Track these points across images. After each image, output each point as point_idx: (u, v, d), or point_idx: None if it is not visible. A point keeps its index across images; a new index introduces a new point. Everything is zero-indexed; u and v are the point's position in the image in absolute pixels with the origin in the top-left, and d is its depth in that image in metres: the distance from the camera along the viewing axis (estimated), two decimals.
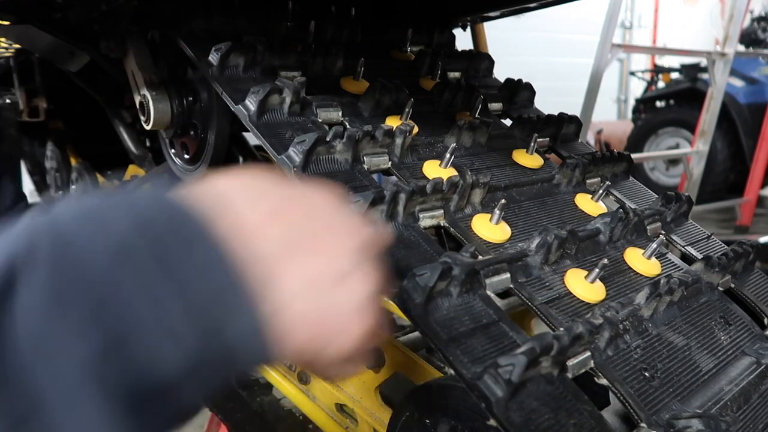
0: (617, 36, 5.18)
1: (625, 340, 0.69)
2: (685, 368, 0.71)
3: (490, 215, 0.79)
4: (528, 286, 0.72)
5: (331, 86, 0.98)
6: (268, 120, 0.82)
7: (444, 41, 1.28)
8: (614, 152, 1.07)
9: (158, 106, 1.03)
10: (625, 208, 0.87)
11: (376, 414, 0.96)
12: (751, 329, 0.83)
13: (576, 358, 0.64)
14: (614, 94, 8.38)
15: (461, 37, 1.39)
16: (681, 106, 5.73)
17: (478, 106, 1.06)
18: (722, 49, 3.79)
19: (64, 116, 1.85)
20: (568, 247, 0.77)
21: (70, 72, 1.29)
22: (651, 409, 0.64)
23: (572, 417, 0.58)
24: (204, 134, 1.06)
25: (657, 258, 0.86)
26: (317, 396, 1.05)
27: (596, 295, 0.74)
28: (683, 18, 7.89)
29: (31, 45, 1.32)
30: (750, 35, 5.61)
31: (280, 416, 1.12)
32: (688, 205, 0.99)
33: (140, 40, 1.04)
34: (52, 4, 0.99)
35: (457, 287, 0.64)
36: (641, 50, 6.92)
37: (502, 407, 0.55)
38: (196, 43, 0.92)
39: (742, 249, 0.90)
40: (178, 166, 1.15)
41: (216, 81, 0.88)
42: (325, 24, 1.07)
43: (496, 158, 0.96)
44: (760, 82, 5.36)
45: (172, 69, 1.06)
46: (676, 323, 0.77)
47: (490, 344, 0.62)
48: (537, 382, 0.59)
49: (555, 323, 0.68)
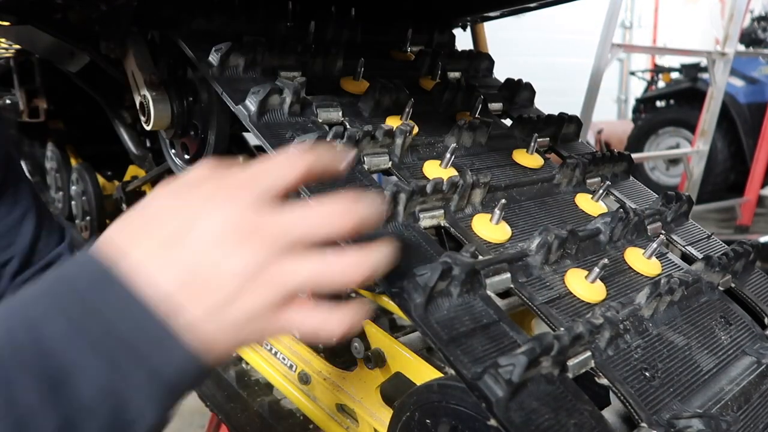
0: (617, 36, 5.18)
1: (626, 340, 0.69)
2: (685, 368, 0.71)
3: (491, 215, 0.79)
4: (528, 286, 0.72)
5: (331, 86, 0.98)
6: (268, 120, 0.82)
7: (444, 41, 1.28)
8: (614, 152, 1.07)
9: (158, 106, 1.03)
10: (625, 208, 0.87)
11: (377, 414, 0.96)
12: (751, 329, 0.83)
13: (576, 358, 0.64)
14: (614, 94, 8.38)
15: (461, 37, 1.39)
16: (681, 105, 5.73)
17: (479, 106, 1.06)
18: (722, 48, 3.79)
19: (64, 116, 1.85)
20: (568, 247, 0.77)
21: (70, 72, 1.29)
22: (651, 408, 0.64)
23: (573, 417, 0.58)
24: (204, 134, 1.06)
25: (657, 258, 0.86)
26: (318, 396, 1.05)
27: (596, 295, 0.74)
28: (683, 18, 7.89)
29: (32, 45, 1.32)
30: (750, 35, 5.61)
31: (281, 416, 1.12)
32: (689, 205, 0.99)
33: (140, 41, 1.04)
34: (52, 4, 0.99)
35: (458, 287, 0.64)
36: (641, 50, 6.92)
37: (503, 407, 0.55)
38: (196, 44, 0.92)
39: (743, 249, 0.90)
40: (178, 167, 1.15)
41: (216, 81, 0.88)
42: (325, 24, 1.07)
43: (497, 158, 0.96)
44: (761, 82, 5.36)
45: (172, 69, 1.06)
46: (676, 323, 0.77)
47: (490, 344, 0.62)
48: (537, 382, 0.59)
49: (555, 323, 0.68)
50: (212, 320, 0.42)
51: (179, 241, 0.43)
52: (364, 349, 0.99)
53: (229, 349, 0.45)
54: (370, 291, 1.14)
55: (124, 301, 0.41)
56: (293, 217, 0.44)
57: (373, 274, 0.45)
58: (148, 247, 0.43)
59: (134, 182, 1.63)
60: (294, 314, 0.44)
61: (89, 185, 1.71)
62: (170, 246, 0.43)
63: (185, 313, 0.42)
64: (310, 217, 0.44)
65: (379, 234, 0.69)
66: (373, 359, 0.97)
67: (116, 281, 0.41)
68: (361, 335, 1.00)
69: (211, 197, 0.44)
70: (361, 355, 0.99)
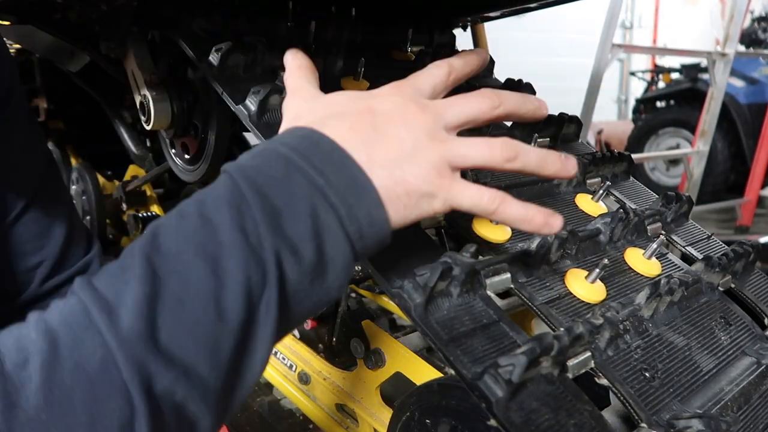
0: (617, 36, 5.18)
1: (626, 341, 0.69)
2: (685, 368, 0.71)
3: None
4: (528, 286, 0.72)
5: (331, 86, 0.98)
6: (268, 120, 0.82)
7: (444, 41, 1.28)
8: (614, 152, 1.07)
9: (158, 106, 1.03)
10: (625, 209, 0.87)
11: (377, 414, 0.96)
12: (751, 329, 0.83)
13: (576, 358, 0.64)
14: (615, 94, 8.38)
15: (461, 37, 1.39)
16: (681, 106, 5.73)
17: None
18: (722, 49, 3.79)
19: (64, 116, 1.85)
20: (568, 247, 0.77)
21: (71, 72, 1.30)
22: (651, 409, 0.64)
23: (572, 417, 0.58)
24: (204, 134, 1.06)
25: (657, 258, 0.86)
26: (318, 396, 1.05)
27: (596, 295, 0.74)
28: (683, 18, 7.89)
29: (32, 45, 1.32)
30: (750, 35, 5.61)
31: (281, 416, 1.12)
32: (689, 206, 0.99)
33: (140, 40, 1.04)
34: (52, 4, 0.99)
35: (458, 287, 0.64)
36: (641, 50, 6.92)
37: (503, 407, 0.55)
38: (196, 43, 0.92)
39: (743, 249, 0.90)
40: (178, 167, 1.15)
41: (216, 81, 0.88)
42: (326, 24, 1.07)
43: None
44: (761, 83, 5.35)
45: (173, 69, 1.06)
46: (676, 323, 0.77)
47: (490, 344, 0.62)
48: (537, 383, 0.59)
49: (555, 323, 0.68)
50: (391, 174, 0.50)
51: (360, 121, 0.52)
52: (364, 349, 0.99)
53: (404, 212, 0.51)
54: (370, 291, 1.14)
55: (329, 150, 0.49)
56: (449, 102, 0.55)
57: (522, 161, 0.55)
58: (337, 126, 0.51)
59: (134, 182, 1.64)
60: (458, 183, 0.53)
61: (89, 185, 1.71)
62: (355, 128, 0.51)
63: (372, 165, 0.49)
64: (466, 103, 0.55)
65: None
66: (373, 359, 0.97)
67: (322, 138, 0.50)
68: (361, 335, 1.00)
69: (378, 94, 0.56)
70: (361, 355, 0.99)
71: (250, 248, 0.43)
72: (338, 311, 1.07)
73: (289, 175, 0.47)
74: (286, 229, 0.45)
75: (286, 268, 0.45)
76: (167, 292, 0.41)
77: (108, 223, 1.77)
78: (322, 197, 0.46)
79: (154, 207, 1.69)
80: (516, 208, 0.55)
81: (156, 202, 1.69)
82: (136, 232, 1.61)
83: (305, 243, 0.45)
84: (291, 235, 0.45)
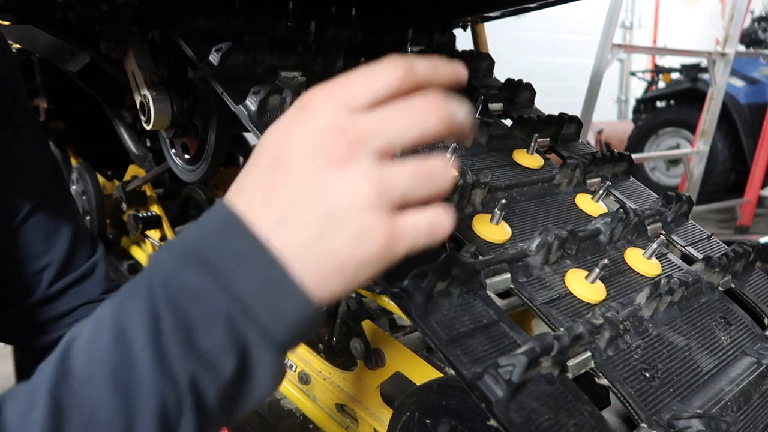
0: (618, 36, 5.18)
1: (626, 341, 0.69)
2: (685, 368, 0.71)
3: (491, 215, 0.79)
4: (528, 286, 0.72)
5: None
6: (268, 120, 0.82)
7: (444, 41, 1.28)
8: (615, 152, 1.07)
9: (159, 106, 1.03)
10: (625, 209, 0.87)
11: (377, 414, 0.96)
12: (751, 329, 0.83)
13: (576, 358, 0.64)
14: (615, 94, 8.38)
15: (461, 37, 1.40)
16: (681, 106, 5.73)
17: (479, 106, 1.06)
18: (723, 49, 3.79)
19: (64, 116, 1.85)
20: (568, 247, 0.77)
21: (71, 72, 1.30)
22: (651, 409, 0.64)
23: (572, 417, 0.58)
24: (204, 134, 1.06)
25: (657, 258, 0.86)
26: (318, 396, 1.05)
27: (597, 295, 0.74)
28: (683, 18, 7.89)
29: (32, 45, 1.32)
30: (750, 35, 5.61)
31: (281, 416, 1.12)
32: (689, 206, 0.99)
33: (140, 40, 1.04)
34: (53, 4, 0.99)
35: (458, 287, 0.64)
36: (642, 50, 6.92)
37: (503, 407, 0.55)
38: (196, 43, 0.92)
39: (743, 249, 0.90)
40: (178, 166, 1.15)
41: (216, 81, 0.88)
42: (326, 24, 1.07)
43: (497, 158, 0.96)
44: (761, 83, 5.35)
45: (173, 69, 1.06)
46: (676, 323, 0.77)
47: (490, 344, 0.62)
48: (537, 383, 0.59)
49: (555, 323, 0.68)
50: (316, 254, 0.43)
51: (273, 187, 0.44)
52: (364, 349, 0.99)
53: (342, 288, 0.44)
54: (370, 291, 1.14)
55: (244, 249, 0.43)
56: (381, 118, 0.44)
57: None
58: (251, 200, 0.44)
59: (134, 182, 1.63)
60: (405, 218, 0.44)
61: (89, 185, 1.71)
62: (267, 200, 0.44)
63: (293, 250, 0.42)
64: (400, 118, 0.44)
65: None
66: (374, 359, 0.97)
67: (236, 229, 0.43)
68: (361, 335, 1.00)
69: (297, 119, 0.45)
70: (361, 355, 0.99)
71: (164, 371, 0.41)
72: (338, 311, 1.07)
73: (204, 285, 0.42)
74: (203, 345, 0.42)
75: (203, 387, 0.42)
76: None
77: (108, 223, 1.76)
78: (240, 307, 0.42)
79: (154, 207, 1.69)
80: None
81: (156, 202, 1.69)
82: (136, 232, 1.61)
83: (223, 357, 0.42)
84: (208, 349, 0.42)
